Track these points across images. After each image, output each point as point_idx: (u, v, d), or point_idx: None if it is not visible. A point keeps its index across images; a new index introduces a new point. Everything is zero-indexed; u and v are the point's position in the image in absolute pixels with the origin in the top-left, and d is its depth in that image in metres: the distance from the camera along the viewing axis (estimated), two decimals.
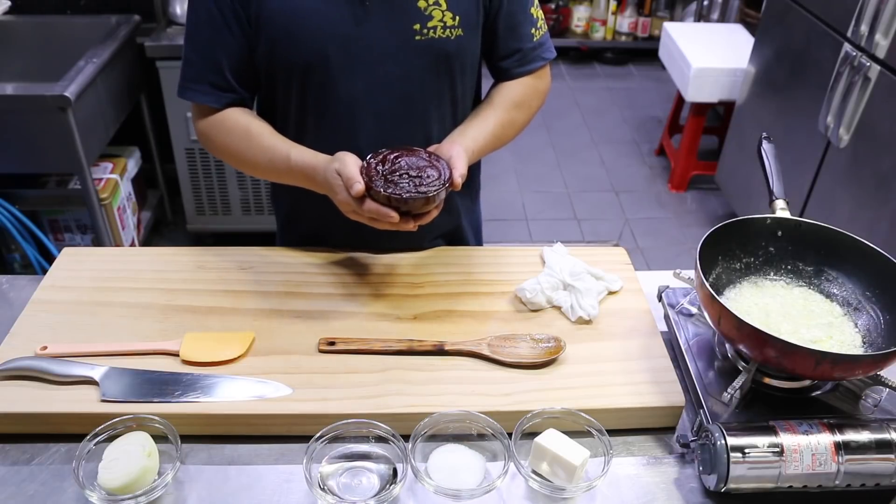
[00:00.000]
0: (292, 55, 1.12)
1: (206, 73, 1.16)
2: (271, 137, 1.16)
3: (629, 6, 4.57)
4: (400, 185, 1.01)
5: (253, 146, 1.16)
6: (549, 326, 1.11)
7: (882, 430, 0.88)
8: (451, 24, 1.13)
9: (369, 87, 1.15)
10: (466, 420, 0.94)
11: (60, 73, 2.25)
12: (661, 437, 0.99)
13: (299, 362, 1.03)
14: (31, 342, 1.04)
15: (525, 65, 1.24)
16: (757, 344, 0.90)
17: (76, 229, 2.68)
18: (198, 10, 1.13)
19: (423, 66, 1.16)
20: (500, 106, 1.23)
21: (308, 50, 1.11)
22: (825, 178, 2.49)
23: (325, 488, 0.88)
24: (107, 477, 0.85)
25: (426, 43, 1.13)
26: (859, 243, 1.04)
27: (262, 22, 1.10)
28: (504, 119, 1.22)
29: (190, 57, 1.17)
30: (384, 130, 1.19)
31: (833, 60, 2.38)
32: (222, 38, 1.13)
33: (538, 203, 3.41)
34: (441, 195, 1.02)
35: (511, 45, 1.23)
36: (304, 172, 1.12)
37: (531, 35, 1.23)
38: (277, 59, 1.14)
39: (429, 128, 1.22)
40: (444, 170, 1.04)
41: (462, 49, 1.17)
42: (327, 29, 1.10)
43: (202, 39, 1.15)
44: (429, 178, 1.02)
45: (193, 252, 1.25)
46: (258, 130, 1.17)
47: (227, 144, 1.19)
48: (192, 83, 1.17)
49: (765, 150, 1.16)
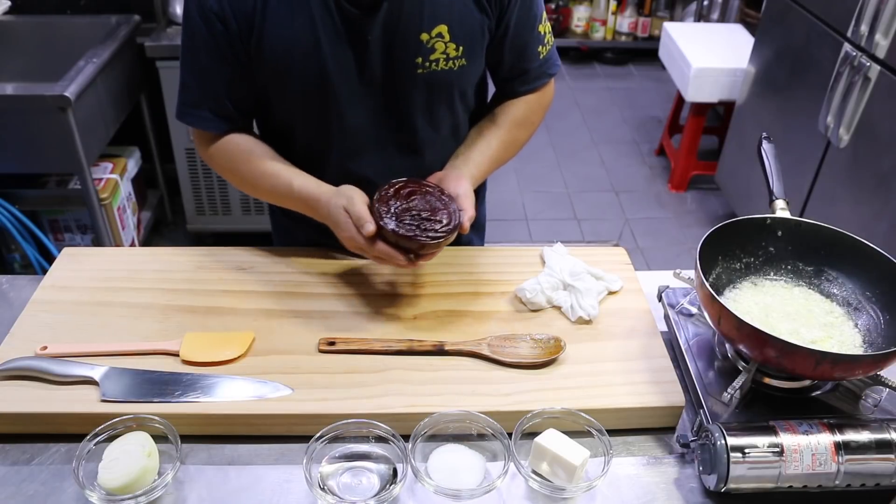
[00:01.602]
0: (293, 88, 1.11)
1: (204, 100, 1.14)
2: (273, 163, 1.16)
3: (629, 6, 4.57)
4: (410, 226, 1.02)
5: (254, 171, 1.16)
6: (549, 326, 1.11)
7: (882, 430, 0.88)
8: (454, 55, 1.11)
9: (371, 119, 1.15)
10: (466, 420, 0.94)
11: (60, 73, 2.25)
12: (661, 437, 0.99)
13: (299, 362, 1.03)
14: (31, 342, 1.04)
15: (530, 83, 1.24)
16: (757, 344, 0.90)
17: (76, 229, 2.68)
18: (194, 36, 1.09)
19: (425, 97, 1.15)
20: (503, 126, 1.23)
21: (308, 83, 1.10)
22: (825, 178, 2.49)
23: (325, 488, 0.88)
24: (107, 477, 0.85)
25: (427, 76, 1.12)
26: (859, 243, 1.03)
27: (263, 56, 1.08)
28: (507, 139, 1.23)
29: (188, 82, 1.14)
30: (387, 160, 1.20)
31: (833, 60, 2.38)
32: (220, 68, 1.10)
33: (538, 203, 3.41)
34: (450, 239, 1.03)
35: (516, 66, 1.21)
36: (306, 202, 1.12)
37: (538, 54, 1.21)
38: (279, 92, 1.13)
39: (432, 155, 1.22)
40: (455, 213, 1.05)
41: (464, 78, 1.16)
42: (328, 63, 1.08)
43: (200, 66, 1.12)
44: (440, 223, 1.03)
45: (193, 252, 1.25)
46: (260, 155, 1.16)
47: (230, 168, 1.19)
48: (191, 108, 1.16)
49: (765, 150, 1.16)
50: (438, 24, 1.08)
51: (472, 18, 1.11)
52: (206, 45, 1.08)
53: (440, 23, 1.08)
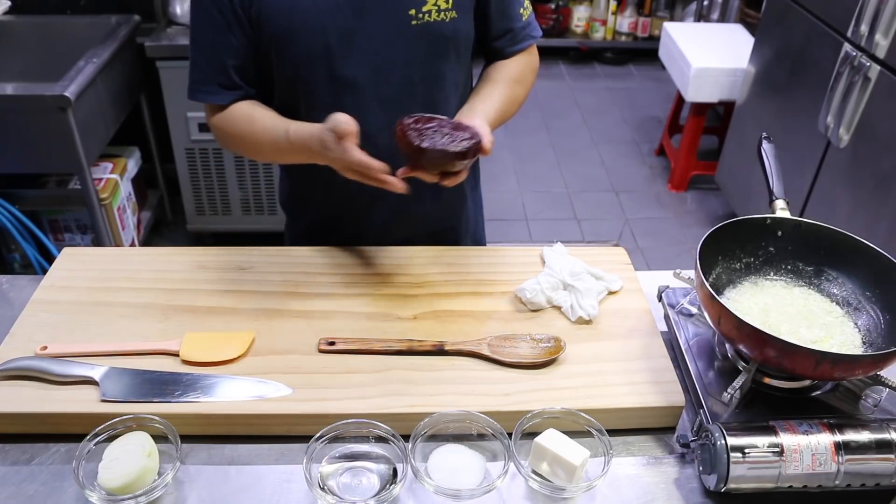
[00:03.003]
0: (294, 50, 1.15)
1: (212, 75, 1.19)
2: (272, 119, 1.19)
3: (629, 6, 4.57)
4: (434, 139, 1.03)
5: (256, 130, 1.19)
6: (549, 326, 1.11)
7: (882, 430, 0.88)
8: (444, 6, 1.16)
9: (372, 75, 1.18)
10: (466, 420, 0.94)
11: (60, 73, 2.25)
12: (661, 437, 0.99)
13: (299, 362, 1.03)
14: (31, 342, 1.04)
15: (517, 44, 1.30)
16: (757, 344, 0.90)
17: (76, 229, 2.68)
18: (199, 13, 1.16)
19: (422, 49, 1.19)
20: (502, 82, 1.27)
21: (309, 43, 1.14)
22: (825, 178, 2.49)
23: (325, 488, 0.88)
24: (107, 477, 0.85)
25: (422, 27, 1.16)
26: (859, 243, 1.03)
27: (263, 21, 1.13)
28: (507, 94, 1.26)
29: (196, 60, 1.20)
30: (391, 115, 1.20)
31: (833, 60, 2.38)
32: (226, 40, 1.15)
33: (538, 203, 3.41)
34: (471, 155, 1.04)
35: (502, 26, 1.27)
36: (304, 144, 1.13)
37: (520, 15, 1.28)
38: (281, 55, 1.16)
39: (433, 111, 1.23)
40: (476, 134, 1.06)
41: (457, 31, 1.21)
42: (327, 21, 1.13)
43: (206, 43, 1.18)
44: (460, 138, 1.04)
45: (193, 252, 1.25)
46: (261, 115, 1.20)
47: (235, 133, 1.22)
48: (200, 85, 1.20)
49: (765, 150, 1.16)
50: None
51: None
52: (211, 17, 1.14)
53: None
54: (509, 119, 1.29)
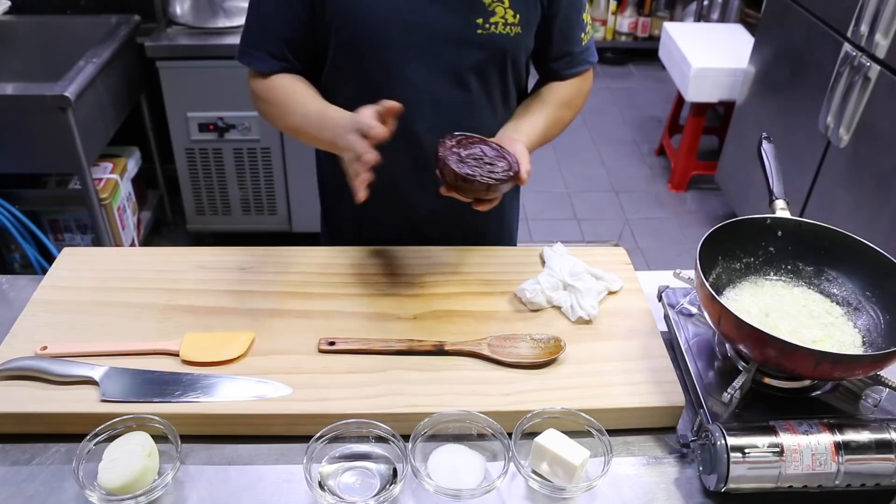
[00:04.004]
0: (354, 36, 1.16)
1: (264, 42, 1.20)
2: (308, 97, 1.20)
3: (629, 6, 4.57)
4: (473, 167, 1.04)
5: (290, 104, 1.20)
6: (549, 326, 1.11)
7: (882, 430, 0.88)
8: (511, 21, 1.16)
9: (428, 74, 1.19)
10: (466, 420, 0.94)
11: (60, 73, 2.25)
12: (661, 437, 0.99)
13: (299, 362, 1.03)
14: (31, 342, 1.04)
15: (573, 67, 1.29)
16: (757, 344, 0.90)
17: (76, 229, 2.68)
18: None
19: (482, 58, 1.19)
20: (551, 104, 1.28)
21: (370, 32, 1.15)
22: (825, 178, 2.49)
23: (325, 488, 0.88)
24: (107, 477, 0.85)
25: (487, 37, 1.16)
26: (859, 243, 1.03)
27: (328, 1, 1.13)
28: (554, 116, 1.27)
29: (251, 24, 1.22)
30: (440, 116, 1.23)
31: (833, 60, 2.38)
32: (284, 13, 1.17)
33: (538, 203, 3.41)
34: (506, 186, 1.05)
35: (562, 49, 1.27)
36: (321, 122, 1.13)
37: (581, 39, 1.28)
38: (340, 39, 1.17)
39: (482, 117, 1.26)
40: (514, 163, 1.07)
41: (519, 46, 1.21)
42: (391, 13, 1.13)
43: (265, 11, 1.19)
44: (498, 168, 1.05)
45: (193, 252, 1.25)
46: (300, 90, 1.21)
47: (271, 103, 1.23)
48: (250, 48, 1.22)
49: (765, 150, 1.16)
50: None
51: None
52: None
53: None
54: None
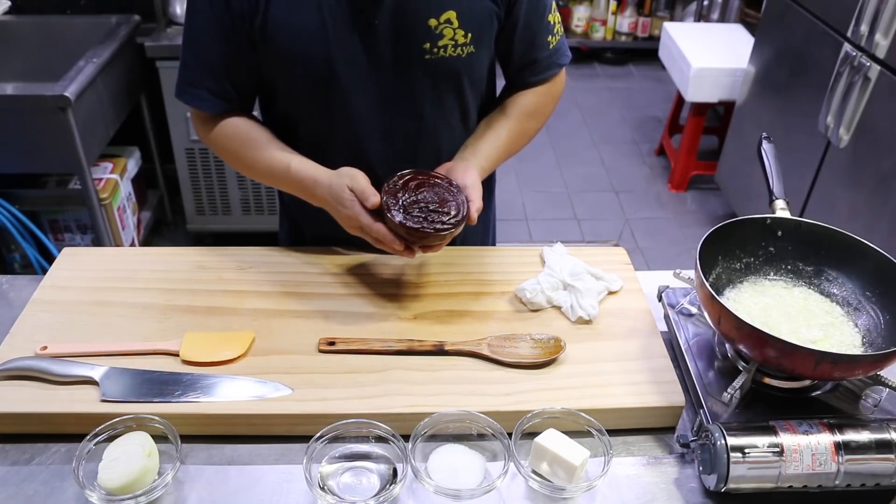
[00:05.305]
0: (298, 72, 1.10)
1: (204, 79, 1.14)
2: (270, 145, 1.16)
3: (629, 6, 4.57)
4: (418, 218, 1.02)
5: (252, 153, 1.16)
6: (549, 326, 1.11)
7: (882, 430, 0.88)
8: (462, 41, 1.10)
9: (377, 106, 1.14)
10: (466, 420, 0.94)
11: (60, 73, 2.25)
12: (661, 437, 0.99)
13: (299, 362, 1.03)
14: (31, 342, 1.04)
15: (540, 73, 1.23)
16: (757, 344, 0.90)
17: (76, 229, 2.68)
18: (198, 15, 1.10)
19: (433, 84, 1.14)
20: (513, 117, 1.23)
21: (314, 68, 1.09)
22: (825, 178, 2.49)
23: (325, 488, 0.88)
24: (107, 477, 0.85)
25: (436, 62, 1.11)
26: (859, 243, 1.03)
27: (267, 38, 1.07)
28: (517, 129, 1.23)
29: (188, 60, 1.14)
30: (393, 147, 1.19)
31: (833, 60, 2.38)
32: (222, 48, 1.10)
33: (538, 203, 3.41)
34: (457, 230, 1.04)
35: (527, 56, 1.21)
36: (304, 184, 1.11)
37: (547, 44, 1.21)
38: (284, 76, 1.13)
39: (438, 143, 1.22)
40: (463, 204, 1.05)
41: (473, 65, 1.15)
42: (333, 48, 1.08)
43: (202, 45, 1.12)
44: (447, 215, 1.03)
45: (193, 252, 1.24)
46: (258, 138, 1.16)
47: (228, 149, 1.19)
48: (190, 87, 1.15)
49: (765, 150, 1.16)
50: (447, 9, 1.08)
51: (480, 6, 1.10)
52: (209, 23, 1.09)
53: (449, 9, 1.08)
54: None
